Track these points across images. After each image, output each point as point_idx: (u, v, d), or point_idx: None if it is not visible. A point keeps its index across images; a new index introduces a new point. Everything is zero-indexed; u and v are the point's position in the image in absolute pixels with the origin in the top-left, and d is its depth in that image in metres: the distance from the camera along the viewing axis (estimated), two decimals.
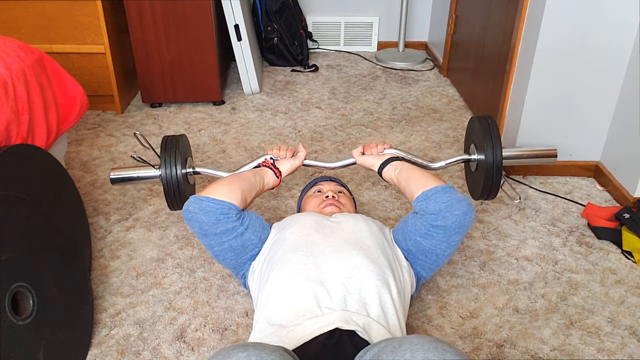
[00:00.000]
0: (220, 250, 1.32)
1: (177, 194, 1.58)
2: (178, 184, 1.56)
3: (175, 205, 1.61)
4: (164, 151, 1.58)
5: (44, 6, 2.40)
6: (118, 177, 1.63)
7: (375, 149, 1.59)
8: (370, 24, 3.57)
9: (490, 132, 1.60)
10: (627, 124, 1.95)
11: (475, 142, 1.66)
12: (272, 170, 1.51)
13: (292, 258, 1.22)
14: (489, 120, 1.63)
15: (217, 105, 2.80)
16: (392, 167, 1.50)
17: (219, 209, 1.28)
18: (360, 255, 1.21)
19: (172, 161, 1.55)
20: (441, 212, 1.25)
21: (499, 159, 1.58)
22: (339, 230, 1.31)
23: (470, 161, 1.72)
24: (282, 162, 1.55)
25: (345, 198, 1.54)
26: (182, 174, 1.56)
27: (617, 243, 1.76)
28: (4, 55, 1.39)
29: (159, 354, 1.36)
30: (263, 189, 1.47)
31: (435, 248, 1.29)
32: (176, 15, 2.53)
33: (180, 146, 1.60)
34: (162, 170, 1.56)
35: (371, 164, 1.56)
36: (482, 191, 1.65)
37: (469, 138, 1.75)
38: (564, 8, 1.85)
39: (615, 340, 1.41)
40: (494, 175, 1.59)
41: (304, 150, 1.59)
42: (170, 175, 1.55)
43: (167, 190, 1.57)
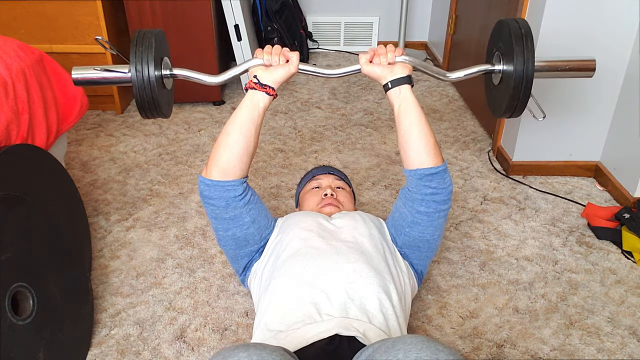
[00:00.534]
0: (224, 235, 1.33)
1: (151, 100, 1.31)
2: (151, 86, 1.29)
3: (149, 112, 1.35)
4: (134, 48, 1.29)
5: (44, 6, 2.40)
6: (82, 78, 1.35)
7: (385, 56, 1.33)
8: (370, 24, 3.57)
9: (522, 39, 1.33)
10: (627, 124, 1.95)
11: (502, 50, 1.41)
12: (262, 91, 1.30)
13: (293, 264, 1.22)
14: (521, 24, 1.36)
15: (217, 105, 2.80)
16: (400, 93, 1.31)
17: (226, 192, 1.26)
18: (361, 261, 1.21)
19: (144, 60, 1.28)
20: (426, 197, 1.26)
21: (530, 71, 1.32)
22: (340, 235, 1.30)
23: (493, 72, 1.46)
24: (273, 70, 1.31)
25: (344, 194, 1.53)
26: (155, 75, 1.30)
27: (617, 243, 1.76)
28: (3, 55, 1.39)
29: (159, 354, 1.36)
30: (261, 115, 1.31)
31: (424, 234, 1.30)
32: (176, 15, 2.53)
33: (154, 43, 1.32)
34: (131, 70, 1.28)
35: (378, 76, 1.33)
36: (507, 107, 1.41)
37: (493, 45, 1.48)
38: (564, 8, 1.85)
39: (615, 340, 1.41)
40: (524, 89, 1.34)
41: (295, 53, 1.33)
42: (140, 77, 1.28)
43: (139, 94, 1.30)
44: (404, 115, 1.29)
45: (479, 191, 2.07)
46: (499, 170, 2.21)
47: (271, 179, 2.14)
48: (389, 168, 2.22)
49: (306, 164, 2.24)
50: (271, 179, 2.13)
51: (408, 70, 1.32)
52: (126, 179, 2.13)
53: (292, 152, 2.35)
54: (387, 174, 2.18)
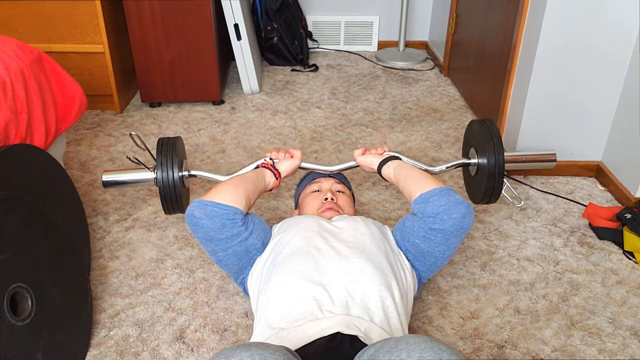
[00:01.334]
0: (224, 255, 1.30)
1: (174, 197, 1.53)
2: (174, 187, 1.51)
3: (171, 209, 1.57)
4: (159, 153, 1.53)
5: (43, 6, 2.39)
6: (111, 180, 1.57)
7: (375, 150, 1.57)
8: (370, 24, 3.57)
9: (491, 135, 1.56)
10: (629, 124, 1.94)
11: (476, 146, 1.64)
12: (271, 171, 1.49)
13: (294, 261, 1.21)
14: (489, 123, 1.61)
15: (216, 105, 2.79)
16: (391, 165, 1.48)
17: (224, 214, 1.25)
18: (363, 259, 1.21)
19: (169, 164, 1.51)
20: (439, 215, 1.23)
21: (500, 163, 1.54)
22: (341, 234, 1.30)
23: (470, 165, 1.68)
24: (280, 163, 1.53)
25: (344, 198, 1.53)
26: (178, 176, 1.52)
27: (619, 243, 1.75)
28: (2, 55, 1.39)
29: (158, 354, 1.35)
30: (264, 190, 1.45)
31: (434, 250, 1.28)
32: (176, 15, 2.52)
33: (177, 148, 1.56)
34: (157, 173, 1.51)
35: (370, 163, 1.54)
36: (484, 195, 1.62)
37: (468, 141, 1.71)
38: (565, 8, 1.85)
39: (617, 341, 1.41)
40: (496, 179, 1.56)
41: (299, 150, 1.56)
42: (166, 178, 1.50)
43: (163, 194, 1.52)
44: (401, 172, 1.43)
45: None
46: None
47: None
48: None
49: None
50: None
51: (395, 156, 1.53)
52: None
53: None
54: None
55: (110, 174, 1.57)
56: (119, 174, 1.57)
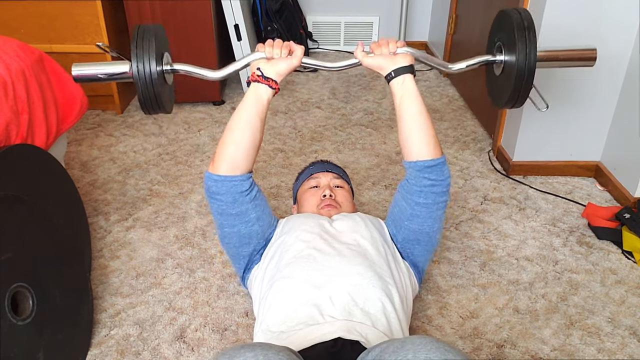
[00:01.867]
0: (230, 232, 1.32)
1: (153, 95, 1.31)
2: (152, 81, 1.29)
3: (150, 107, 1.34)
4: (135, 42, 1.28)
5: (43, 6, 2.39)
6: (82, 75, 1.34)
7: (386, 47, 1.31)
8: (370, 24, 3.57)
9: (524, 29, 1.33)
10: (628, 124, 1.94)
11: (504, 41, 1.40)
12: (265, 84, 1.29)
13: (296, 266, 1.22)
14: (523, 14, 1.37)
15: (217, 105, 2.80)
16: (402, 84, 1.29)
17: (233, 187, 1.26)
18: (365, 264, 1.21)
19: (145, 55, 1.27)
20: (424, 189, 1.26)
21: (532, 62, 1.32)
22: (342, 238, 1.30)
23: (494, 63, 1.45)
24: (276, 63, 1.30)
25: (343, 194, 1.52)
26: (157, 70, 1.29)
27: (618, 243, 1.76)
28: (3, 55, 1.39)
29: (158, 354, 1.36)
30: (266, 107, 1.30)
31: (423, 227, 1.31)
32: (176, 15, 2.53)
33: (156, 38, 1.31)
34: (133, 66, 1.28)
35: (380, 66, 1.31)
36: (509, 98, 1.40)
37: (494, 36, 1.47)
38: (564, 8, 1.85)
39: (616, 341, 1.41)
40: (526, 79, 1.34)
41: (300, 46, 1.32)
42: (142, 71, 1.28)
43: (142, 90, 1.30)
44: (406, 107, 1.28)
45: (479, 191, 2.07)
46: (499, 170, 2.21)
47: (271, 179, 2.13)
48: (389, 168, 2.22)
49: (306, 164, 2.23)
50: (271, 179, 2.13)
51: (410, 60, 1.31)
52: (126, 179, 2.12)
53: (292, 152, 2.35)
54: (387, 174, 2.18)
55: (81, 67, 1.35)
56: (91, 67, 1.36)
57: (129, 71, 1.30)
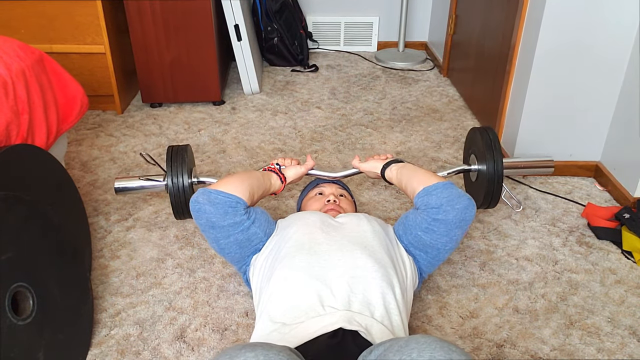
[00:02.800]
0: (226, 243, 1.32)
1: (184, 204, 1.61)
2: (184, 193, 1.59)
3: (181, 214, 1.65)
4: (170, 161, 1.61)
5: (44, 6, 2.40)
6: (123, 187, 1.67)
7: (378, 157, 1.63)
8: (370, 24, 3.57)
9: (491, 144, 1.65)
10: (627, 124, 1.95)
11: (476, 153, 1.72)
12: (277, 175, 1.51)
13: (296, 256, 1.22)
14: (489, 130, 1.69)
15: (217, 105, 2.80)
16: (394, 167, 1.51)
17: (227, 202, 1.28)
18: (365, 255, 1.22)
19: (179, 172, 1.59)
20: (442, 206, 1.26)
21: (499, 170, 1.63)
22: (343, 230, 1.31)
23: (470, 171, 1.77)
24: (287, 169, 1.56)
25: (346, 202, 1.55)
26: (188, 183, 1.60)
27: (617, 243, 1.76)
28: (4, 55, 1.39)
29: (159, 354, 1.36)
30: (268, 191, 1.47)
31: (436, 242, 1.30)
32: (176, 15, 2.53)
33: (186, 156, 1.63)
34: (168, 180, 1.60)
35: (373, 167, 1.59)
36: (484, 200, 1.70)
37: (469, 148, 1.79)
38: (564, 8, 1.85)
39: (615, 340, 1.41)
40: (495, 185, 1.65)
41: (311, 160, 1.61)
42: (176, 185, 1.59)
43: (174, 201, 1.61)
44: (403, 172, 1.46)
45: None
46: None
47: None
48: None
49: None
50: None
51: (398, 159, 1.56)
52: None
53: (292, 152, 2.35)
54: None
55: (122, 181, 1.67)
56: (131, 181, 1.67)
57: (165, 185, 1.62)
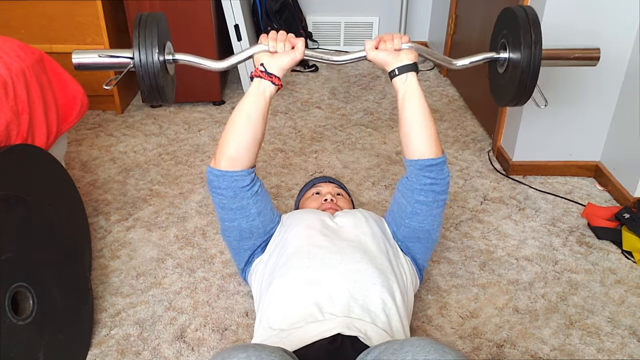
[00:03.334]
0: (230, 226, 1.33)
1: (155, 84, 1.29)
2: (154, 71, 1.27)
3: (152, 97, 1.33)
4: (137, 31, 1.27)
5: (44, 6, 2.40)
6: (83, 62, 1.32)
7: (391, 42, 1.33)
8: (370, 24, 3.57)
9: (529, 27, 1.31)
10: (627, 124, 1.95)
11: (508, 38, 1.39)
12: (268, 80, 1.29)
13: (296, 262, 1.22)
14: (528, 11, 1.34)
15: (217, 105, 2.80)
16: (405, 82, 1.31)
17: (234, 182, 1.26)
18: (365, 260, 1.21)
19: (147, 44, 1.25)
20: (425, 187, 1.27)
21: (537, 60, 1.31)
22: (343, 234, 1.31)
23: (498, 60, 1.44)
24: (279, 57, 1.30)
25: (344, 201, 1.54)
26: (159, 60, 1.28)
27: (617, 243, 1.76)
28: (4, 55, 1.39)
29: (159, 354, 1.36)
30: (268, 104, 1.30)
31: (423, 224, 1.31)
32: (176, 15, 2.53)
33: (158, 27, 1.30)
34: (134, 54, 1.26)
35: (384, 62, 1.34)
36: (513, 96, 1.40)
37: (498, 33, 1.46)
38: (564, 8, 1.85)
39: (615, 340, 1.41)
40: (530, 77, 1.33)
41: (301, 39, 1.31)
42: (144, 61, 1.26)
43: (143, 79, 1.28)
44: (408, 104, 1.29)
45: (479, 191, 2.07)
46: (499, 170, 2.21)
47: (271, 179, 2.14)
48: (389, 168, 2.22)
49: (306, 164, 2.24)
50: (271, 179, 2.13)
51: (414, 57, 1.32)
52: (126, 179, 2.13)
53: (292, 152, 2.35)
54: (387, 174, 2.18)
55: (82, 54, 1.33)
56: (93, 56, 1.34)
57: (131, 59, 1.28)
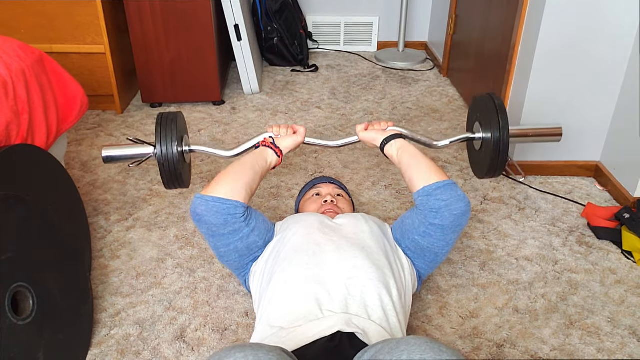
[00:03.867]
0: (226, 251, 1.32)
1: (174, 172, 1.50)
2: (174, 161, 1.48)
3: (171, 184, 1.53)
4: (159, 127, 1.48)
5: (43, 6, 2.40)
6: (111, 155, 1.54)
7: (379, 125, 1.53)
8: (370, 24, 3.57)
9: (495, 109, 1.52)
10: (627, 124, 1.95)
11: (480, 120, 1.60)
12: (273, 150, 1.44)
13: (295, 260, 1.22)
14: (494, 97, 1.56)
15: (217, 105, 2.80)
16: (395, 145, 1.44)
17: (225, 209, 1.26)
18: (362, 256, 1.21)
19: (168, 138, 1.47)
20: (440, 210, 1.25)
21: (505, 138, 1.51)
22: (341, 231, 1.31)
23: (474, 140, 1.65)
24: (282, 140, 1.48)
25: (344, 202, 1.55)
26: (177, 151, 1.48)
27: (617, 243, 1.76)
28: (4, 55, 1.39)
29: (159, 354, 1.36)
30: (266, 170, 1.42)
31: (433, 246, 1.30)
32: (176, 15, 2.53)
33: (177, 123, 1.51)
34: (157, 147, 1.47)
35: (373, 139, 1.50)
36: (488, 170, 1.58)
37: (472, 116, 1.68)
38: (564, 8, 1.85)
39: (615, 340, 1.41)
40: (501, 154, 1.52)
41: (302, 127, 1.52)
42: (165, 153, 1.46)
43: (163, 169, 1.49)
44: (403, 156, 1.40)
45: (479, 191, 2.07)
46: None
47: (271, 179, 2.14)
48: (389, 168, 2.22)
49: (306, 164, 2.24)
50: (271, 179, 2.13)
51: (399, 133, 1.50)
52: (126, 179, 2.13)
53: (292, 152, 2.34)
54: (387, 174, 2.18)
55: (110, 149, 1.54)
56: (119, 149, 1.55)
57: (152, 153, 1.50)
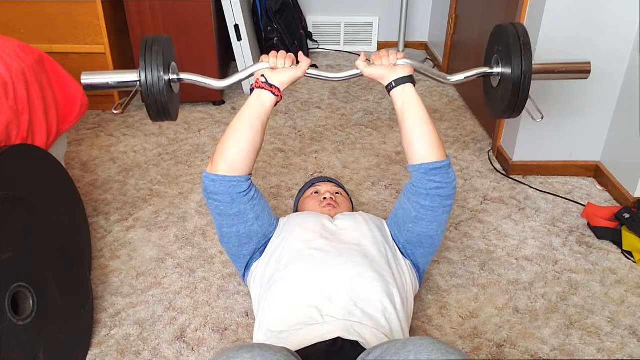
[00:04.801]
0: (228, 232, 1.32)
1: (160, 103, 1.34)
2: (160, 90, 1.32)
3: (158, 115, 1.38)
4: (143, 53, 1.32)
5: (43, 6, 2.40)
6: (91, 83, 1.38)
7: (387, 58, 1.34)
8: (370, 24, 3.57)
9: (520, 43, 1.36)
10: (627, 124, 1.95)
11: (501, 54, 1.44)
12: (268, 90, 1.31)
13: (295, 266, 1.22)
14: (519, 28, 1.40)
15: (217, 105, 2.80)
16: (404, 92, 1.31)
17: (231, 188, 1.25)
18: (365, 265, 1.21)
19: (154, 65, 1.31)
20: (431, 192, 1.26)
21: (528, 74, 1.35)
22: (343, 237, 1.30)
23: (492, 75, 1.49)
24: (280, 72, 1.32)
25: (343, 199, 1.54)
26: (164, 80, 1.32)
27: (617, 243, 1.76)
28: (4, 56, 1.39)
29: (159, 354, 1.36)
30: (267, 114, 1.32)
31: (428, 230, 1.31)
32: (176, 15, 2.53)
33: (163, 48, 1.35)
34: (141, 74, 1.31)
35: (380, 76, 1.33)
36: (506, 109, 1.44)
37: (492, 49, 1.51)
38: (564, 8, 1.85)
39: (615, 340, 1.41)
40: (522, 91, 1.37)
41: (306, 59, 1.35)
42: (151, 80, 1.31)
43: (149, 98, 1.34)
44: (408, 113, 1.30)
45: (479, 191, 2.07)
46: (499, 170, 2.21)
47: (271, 179, 2.14)
48: (389, 168, 2.22)
49: (306, 164, 2.24)
50: (271, 179, 2.13)
51: (409, 71, 1.33)
52: (126, 179, 2.13)
53: (292, 152, 2.35)
54: (387, 174, 2.18)
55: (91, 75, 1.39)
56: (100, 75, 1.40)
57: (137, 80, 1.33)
